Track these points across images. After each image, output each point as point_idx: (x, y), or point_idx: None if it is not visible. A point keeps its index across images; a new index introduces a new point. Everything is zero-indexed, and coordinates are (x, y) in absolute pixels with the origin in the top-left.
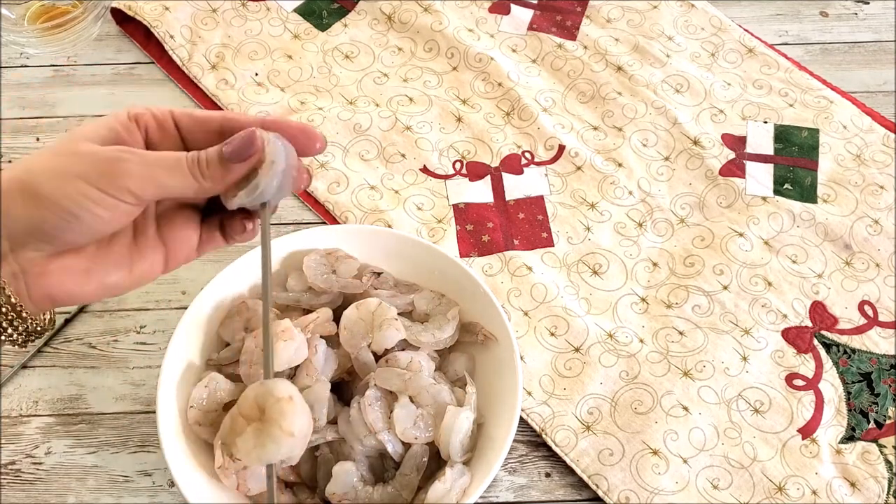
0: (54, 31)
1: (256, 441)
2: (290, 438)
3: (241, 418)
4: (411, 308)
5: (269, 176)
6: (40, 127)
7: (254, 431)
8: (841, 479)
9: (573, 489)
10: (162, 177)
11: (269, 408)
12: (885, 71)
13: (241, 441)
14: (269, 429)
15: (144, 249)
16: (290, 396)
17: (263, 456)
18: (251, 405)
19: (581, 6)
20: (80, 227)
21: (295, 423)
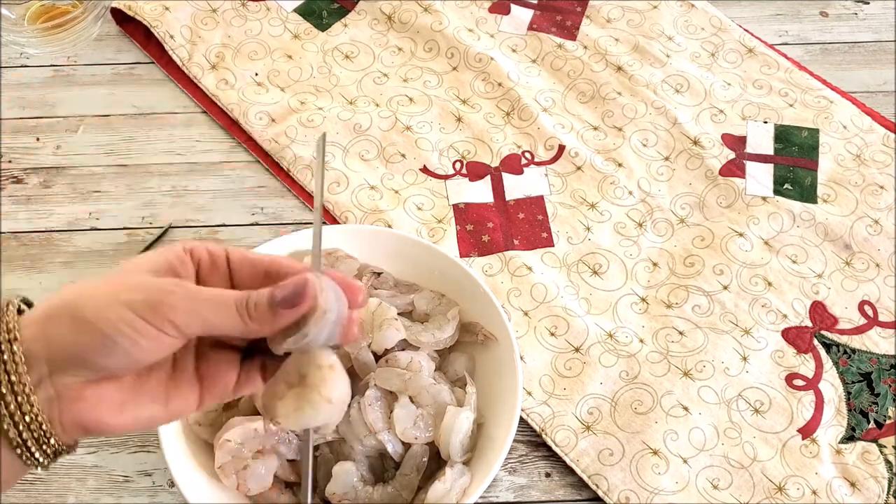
0: (54, 31)
1: (296, 405)
2: (328, 405)
3: (283, 384)
4: (411, 308)
5: (319, 326)
6: (40, 127)
7: (294, 396)
8: (841, 479)
9: (573, 489)
10: (208, 314)
11: (310, 374)
12: (885, 71)
13: (281, 404)
14: (309, 394)
15: (181, 385)
16: (331, 364)
17: (302, 420)
18: (293, 372)
19: (581, 6)
20: (119, 355)
21: (334, 391)
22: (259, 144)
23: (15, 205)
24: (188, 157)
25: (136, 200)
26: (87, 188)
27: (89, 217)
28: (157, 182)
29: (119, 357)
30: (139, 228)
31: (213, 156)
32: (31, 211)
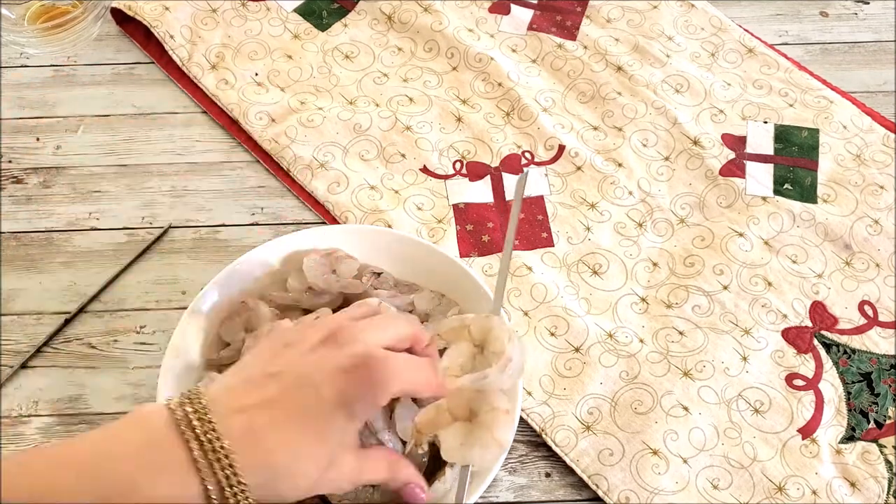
0: (54, 31)
1: (464, 440)
2: (498, 448)
3: (448, 413)
4: (411, 308)
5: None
6: (40, 127)
7: (462, 430)
8: (841, 479)
9: (573, 489)
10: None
11: (483, 413)
12: (885, 71)
13: (445, 434)
14: (480, 432)
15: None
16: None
17: (468, 456)
18: (463, 406)
19: (581, 6)
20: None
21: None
22: (259, 144)
23: (15, 205)
24: (188, 157)
25: (136, 200)
26: (87, 188)
27: (89, 217)
28: (157, 182)
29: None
30: (139, 228)
31: (213, 156)
32: (31, 211)
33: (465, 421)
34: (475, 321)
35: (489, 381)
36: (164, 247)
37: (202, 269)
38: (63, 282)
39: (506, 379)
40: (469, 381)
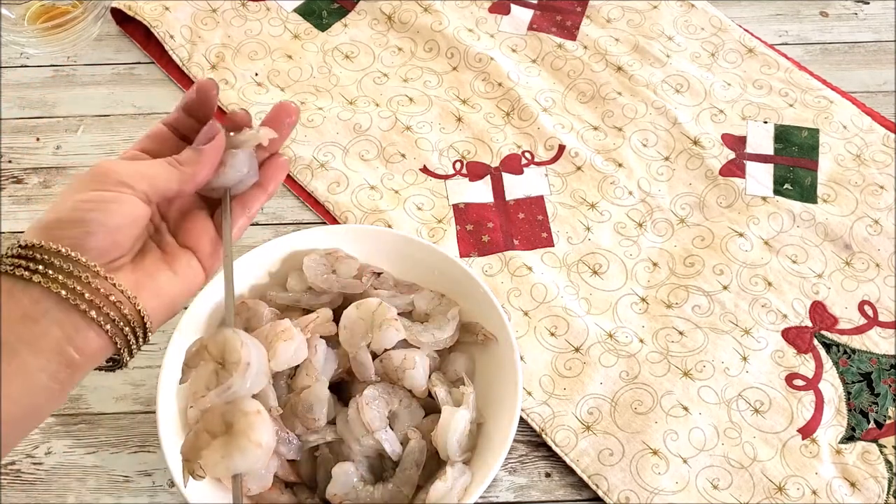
0: (54, 31)
1: (224, 452)
2: (258, 449)
3: (206, 433)
4: (411, 308)
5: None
6: (40, 127)
7: (221, 444)
8: (841, 479)
9: (573, 489)
10: (148, 170)
11: (237, 421)
12: (885, 71)
13: (207, 453)
14: (238, 440)
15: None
16: (257, 410)
17: (230, 466)
18: (217, 421)
19: (581, 6)
20: (98, 229)
21: (263, 435)
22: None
23: (15, 205)
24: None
25: None
26: None
27: None
28: None
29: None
30: None
31: None
32: (31, 211)
33: (223, 435)
34: (210, 340)
35: (234, 391)
36: None
37: None
38: None
39: (251, 384)
40: (215, 395)
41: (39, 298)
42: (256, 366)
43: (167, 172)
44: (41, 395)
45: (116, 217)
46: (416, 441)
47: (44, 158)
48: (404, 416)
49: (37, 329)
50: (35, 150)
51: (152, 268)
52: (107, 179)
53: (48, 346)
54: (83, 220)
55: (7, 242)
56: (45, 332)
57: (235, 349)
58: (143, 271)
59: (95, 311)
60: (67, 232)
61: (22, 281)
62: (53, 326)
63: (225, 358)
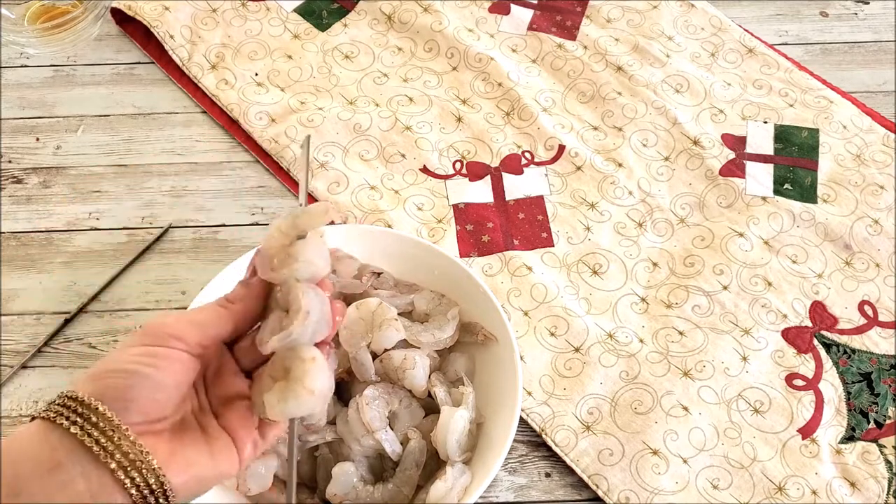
0: (54, 31)
1: (280, 396)
2: (310, 396)
3: (270, 378)
4: (411, 308)
5: (303, 325)
6: (40, 127)
7: (279, 389)
8: (841, 479)
9: (573, 489)
10: (197, 317)
11: (294, 368)
12: (885, 71)
13: (268, 396)
14: (293, 386)
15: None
16: (313, 357)
17: (286, 410)
18: (279, 366)
19: (581, 6)
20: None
21: (316, 382)
22: (259, 144)
23: (15, 205)
24: (188, 157)
25: (136, 200)
26: (87, 188)
27: (89, 217)
28: (157, 182)
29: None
30: (139, 228)
31: (213, 156)
32: (31, 211)
33: (282, 380)
34: (278, 290)
35: (294, 338)
36: (164, 247)
37: (202, 269)
38: (63, 282)
39: (310, 332)
40: (277, 340)
41: (73, 449)
42: (317, 314)
43: (218, 316)
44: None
45: (162, 373)
46: (416, 441)
47: (44, 158)
48: (404, 416)
49: (65, 478)
50: (35, 150)
51: (190, 441)
52: (158, 334)
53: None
54: (127, 372)
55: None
56: (72, 482)
57: (297, 299)
58: (180, 442)
59: (123, 473)
60: (112, 382)
61: (60, 429)
62: (80, 479)
63: (290, 307)
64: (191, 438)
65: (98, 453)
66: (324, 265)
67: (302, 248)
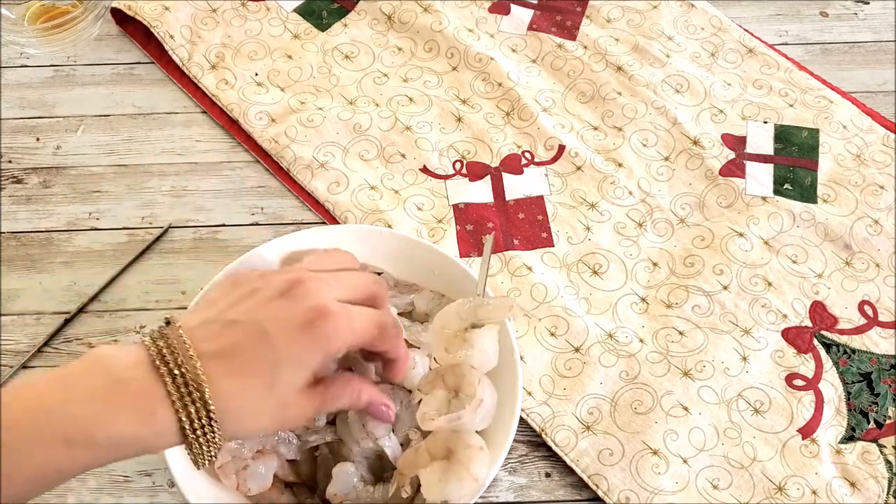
0: (54, 31)
1: (442, 475)
2: (474, 483)
3: (427, 454)
4: (411, 308)
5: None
6: (40, 127)
7: (440, 468)
8: (841, 479)
9: (573, 489)
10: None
11: (459, 451)
12: (885, 71)
13: (425, 473)
14: (457, 468)
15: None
16: (481, 447)
17: (445, 491)
18: (440, 446)
19: (581, 6)
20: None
21: (481, 471)
22: (259, 144)
23: (15, 205)
24: (188, 157)
25: (136, 200)
26: (87, 188)
27: (89, 217)
28: (157, 182)
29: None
30: (139, 228)
31: (213, 156)
32: (31, 211)
33: (442, 460)
34: (449, 371)
35: (463, 422)
36: (164, 247)
37: (202, 269)
38: (63, 282)
39: (479, 419)
40: (445, 421)
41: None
42: (489, 405)
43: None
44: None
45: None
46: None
47: (44, 158)
48: (405, 417)
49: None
50: (35, 150)
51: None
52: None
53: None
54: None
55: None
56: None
57: (472, 384)
58: None
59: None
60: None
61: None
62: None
63: (460, 390)
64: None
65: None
66: (494, 358)
67: (479, 337)
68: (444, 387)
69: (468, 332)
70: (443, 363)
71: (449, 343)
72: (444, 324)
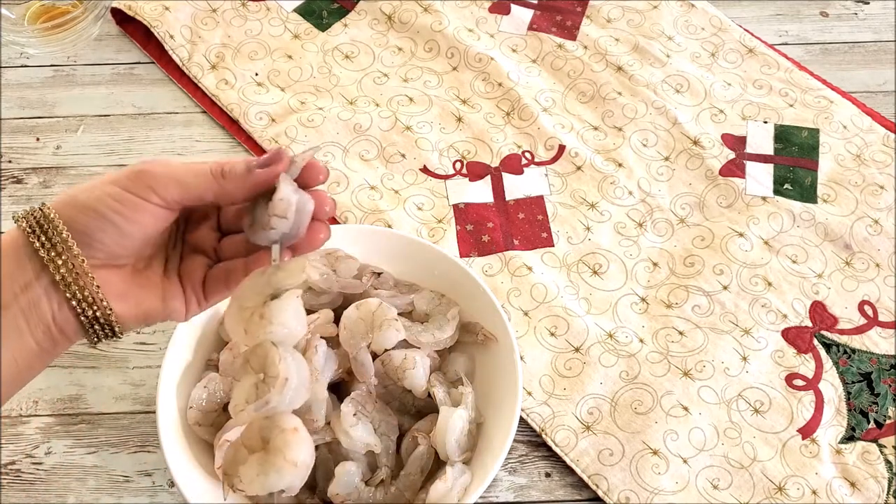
0: (54, 31)
1: (260, 469)
2: (293, 468)
3: (244, 448)
4: (411, 308)
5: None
6: (40, 127)
7: (257, 461)
8: (841, 479)
9: (573, 489)
10: (185, 177)
11: (273, 438)
12: (885, 71)
13: (243, 469)
14: (273, 458)
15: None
16: (294, 428)
17: (266, 484)
18: (255, 436)
19: (581, 6)
20: (112, 230)
21: (299, 454)
22: (259, 144)
23: (15, 205)
24: (188, 157)
25: None
26: None
27: None
28: None
29: (113, 232)
30: None
31: (213, 156)
32: None
33: (260, 451)
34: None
35: (272, 406)
36: None
37: None
38: None
39: (289, 399)
40: (253, 409)
41: (41, 270)
42: (296, 381)
43: (206, 183)
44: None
45: (130, 225)
46: (424, 447)
47: (44, 158)
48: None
49: (33, 296)
50: (35, 150)
51: (145, 282)
52: (139, 181)
53: (40, 315)
54: (98, 214)
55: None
56: (39, 300)
57: (274, 363)
58: (136, 282)
59: (76, 304)
60: (82, 218)
61: (31, 247)
62: (45, 299)
63: (265, 371)
64: (147, 279)
65: (59, 281)
66: (300, 328)
67: (277, 310)
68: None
69: (265, 307)
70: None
71: (247, 323)
72: (240, 303)
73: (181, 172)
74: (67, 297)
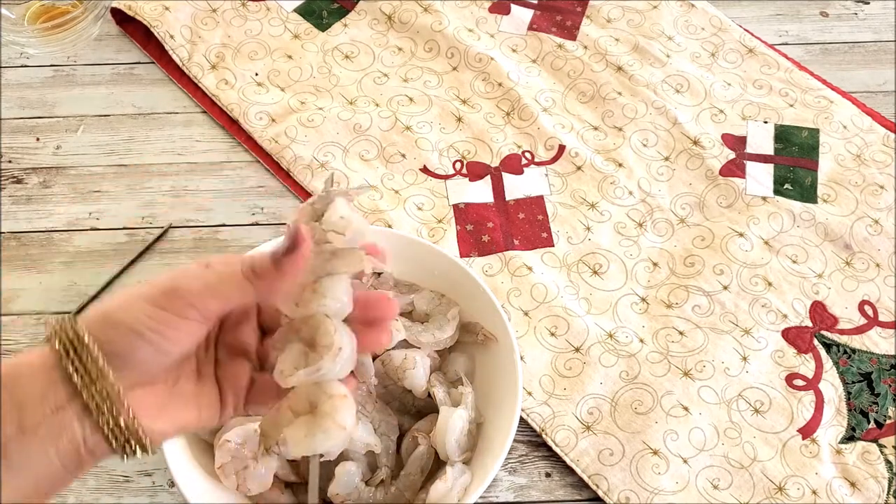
0: (54, 31)
1: (307, 431)
2: (341, 431)
3: (290, 411)
4: (411, 308)
5: (333, 361)
6: (40, 127)
7: (305, 423)
8: (841, 479)
9: (573, 489)
10: (220, 287)
11: (322, 403)
12: (885, 71)
13: (290, 430)
14: (322, 421)
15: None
16: (344, 394)
17: (313, 445)
18: (302, 400)
19: (581, 6)
20: (149, 349)
21: (347, 419)
22: (259, 144)
23: (15, 205)
24: (188, 157)
25: (136, 200)
26: (87, 188)
27: (89, 217)
28: (157, 182)
29: (151, 351)
30: (139, 228)
31: (213, 156)
32: (31, 211)
33: (307, 415)
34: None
35: (323, 373)
36: (165, 247)
37: None
38: (63, 282)
39: (339, 368)
40: (304, 374)
41: (73, 395)
42: (348, 351)
43: (241, 290)
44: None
45: (168, 343)
46: (424, 447)
47: (44, 158)
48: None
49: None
50: (35, 150)
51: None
52: (176, 299)
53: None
54: (135, 334)
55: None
56: (70, 424)
57: (328, 333)
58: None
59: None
60: (120, 338)
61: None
62: (75, 422)
63: (316, 341)
64: (182, 390)
65: (92, 409)
66: (350, 304)
67: (330, 285)
68: (297, 339)
69: (317, 283)
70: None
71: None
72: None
73: (215, 283)
74: (100, 424)
